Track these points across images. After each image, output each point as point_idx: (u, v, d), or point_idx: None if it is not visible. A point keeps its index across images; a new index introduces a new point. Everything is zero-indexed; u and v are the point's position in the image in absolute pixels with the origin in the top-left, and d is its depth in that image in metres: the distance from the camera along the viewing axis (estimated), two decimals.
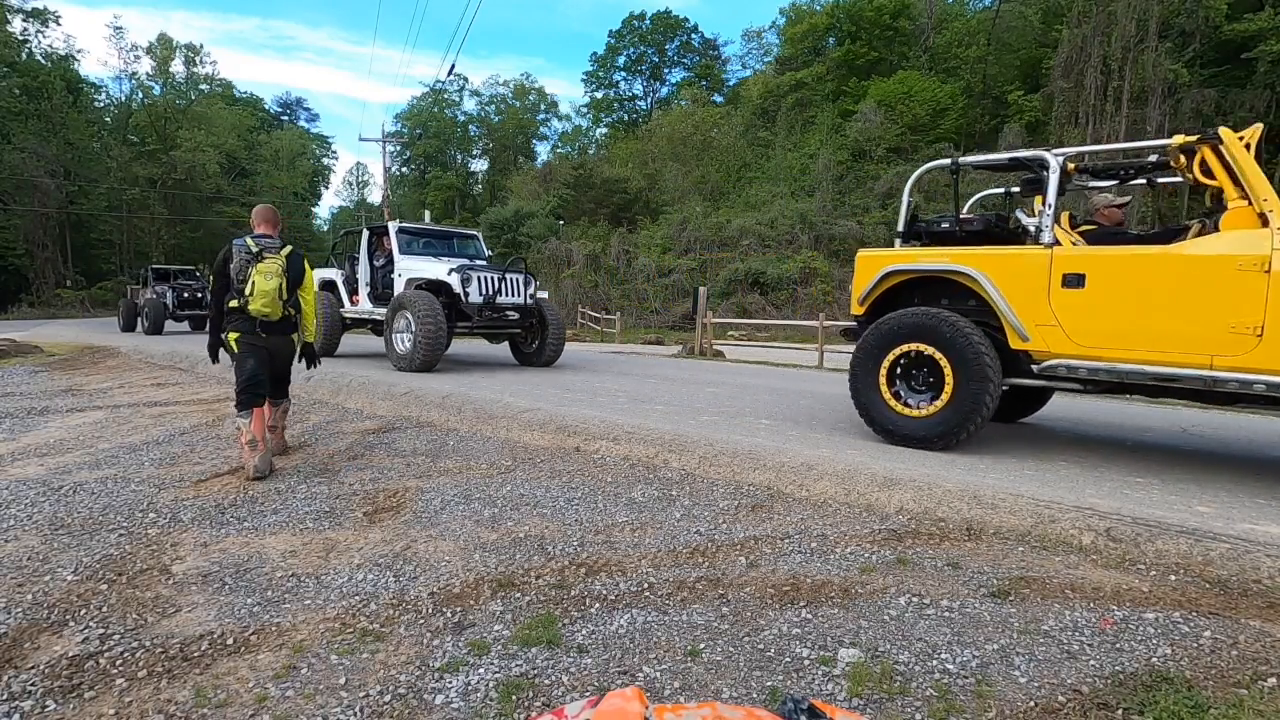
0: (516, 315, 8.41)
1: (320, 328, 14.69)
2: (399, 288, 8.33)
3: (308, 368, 4.77)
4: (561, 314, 9.52)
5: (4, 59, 39.11)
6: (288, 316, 4.28)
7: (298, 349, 4.48)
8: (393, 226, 8.89)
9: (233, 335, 4.18)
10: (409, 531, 3.02)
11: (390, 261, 8.90)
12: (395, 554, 2.75)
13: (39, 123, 39.06)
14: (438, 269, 8.18)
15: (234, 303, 4.12)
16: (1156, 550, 2.63)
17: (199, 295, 16.38)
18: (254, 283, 4.07)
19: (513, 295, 8.29)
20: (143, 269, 19.52)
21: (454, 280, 7.82)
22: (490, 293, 8.01)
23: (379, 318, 8.58)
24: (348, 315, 9.49)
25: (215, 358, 4.34)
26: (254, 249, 4.14)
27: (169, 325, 16.16)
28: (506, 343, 9.68)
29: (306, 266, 4.39)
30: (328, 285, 9.76)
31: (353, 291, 9.47)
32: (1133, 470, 3.82)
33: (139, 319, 16.18)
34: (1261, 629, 2.10)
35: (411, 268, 8.44)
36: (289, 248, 4.29)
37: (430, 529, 3.05)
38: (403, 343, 7.89)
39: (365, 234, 9.37)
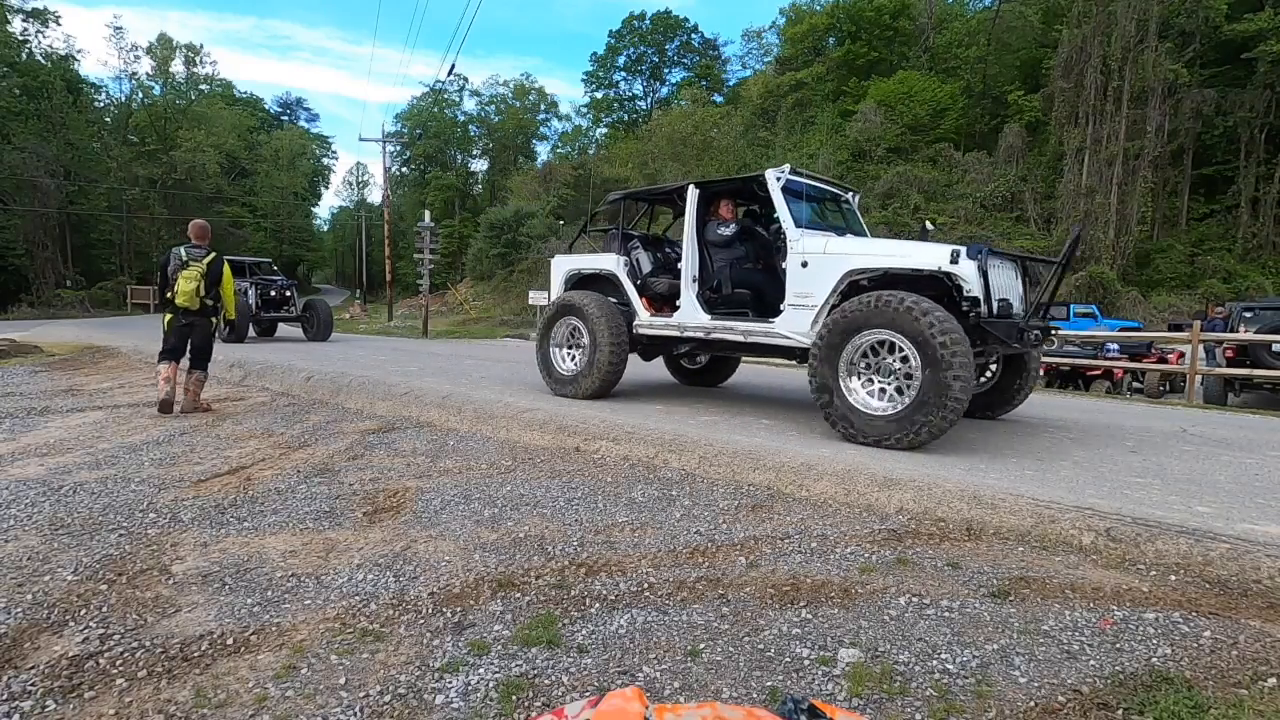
0: None
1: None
2: (800, 283, 4.72)
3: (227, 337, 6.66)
4: None
5: (4, 59, 39.07)
6: (206, 307, 5.87)
7: (214, 327, 6.14)
8: (776, 177, 5.04)
9: (167, 317, 5.86)
10: (409, 531, 3.01)
11: (743, 237, 5.65)
12: (395, 554, 2.75)
13: (39, 123, 39.03)
14: (881, 252, 4.59)
15: (169, 294, 5.79)
16: (1156, 550, 2.63)
17: (286, 293, 14.11)
18: (179, 284, 5.71)
19: None
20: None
21: (967, 272, 4.14)
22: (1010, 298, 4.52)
23: (729, 335, 5.20)
24: (646, 332, 5.79)
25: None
26: (184, 257, 5.77)
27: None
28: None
29: (225, 269, 5.97)
30: (591, 281, 6.27)
31: (647, 292, 5.92)
32: (1133, 470, 3.82)
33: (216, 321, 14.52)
34: (1261, 629, 2.10)
35: (830, 250, 4.66)
36: (212, 255, 5.85)
37: (430, 529, 3.05)
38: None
39: (692, 193, 5.54)
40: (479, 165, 63.89)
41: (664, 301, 5.89)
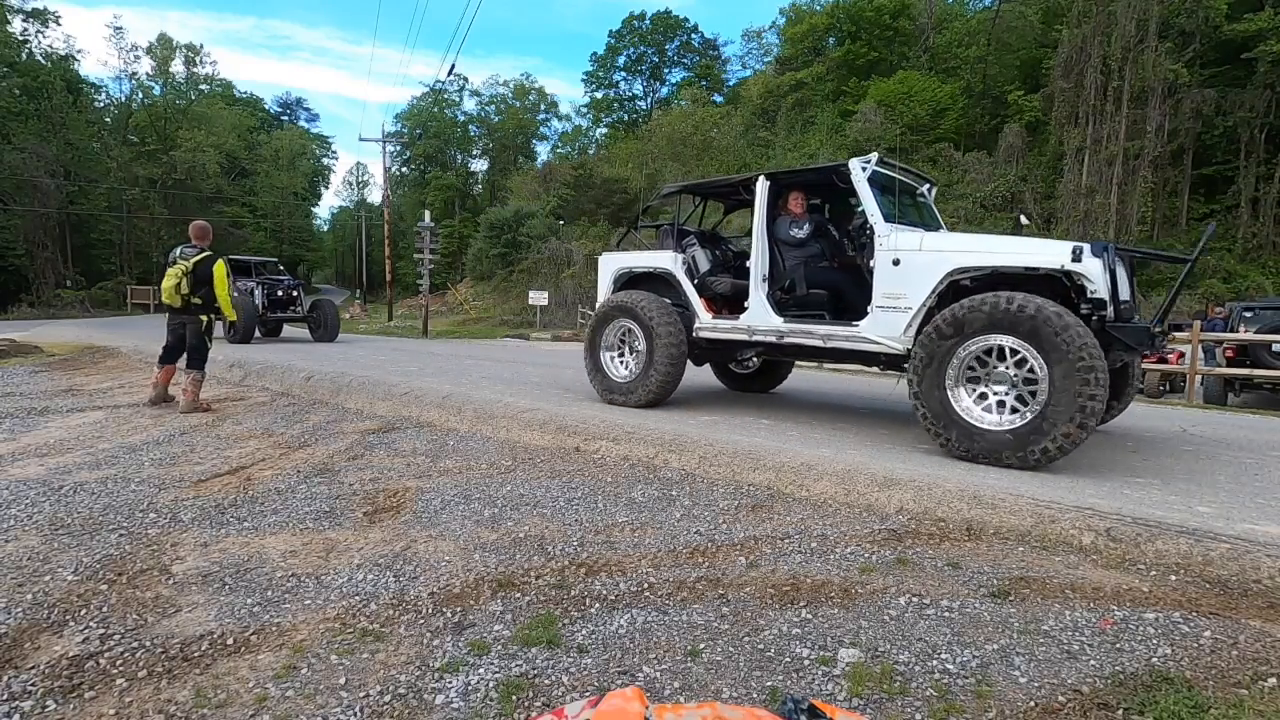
0: None
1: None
2: (891, 284, 4.33)
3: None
4: None
5: (4, 59, 39.08)
6: (191, 305, 5.99)
7: (206, 326, 6.10)
8: (861, 166, 4.64)
9: (168, 316, 6.18)
10: (409, 531, 3.01)
11: (817, 234, 5.28)
12: (395, 554, 2.75)
13: (39, 123, 39.04)
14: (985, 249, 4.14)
15: None
16: (1156, 550, 2.63)
17: (293, 293, 13.93)
18: (163, 280, 6.06)
19: None
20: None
21: (1093, 271, 3.73)
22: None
23: (807, 339, 4.84)
24: (708, 335, 5.44)
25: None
26: (175, 256, 6.02)
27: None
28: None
29: (215, 270, 5.98)
30: (641, 281, 5.90)
31: (706, 292, 5.54)
32: (1133, 470, 3.82)
33: (222, 322, 13.78)
34: (1261, 629, 2.10)
35: (927, 247, 4.24)
36: (203, 255, 5.96)
37: (430, 529, 3.05)
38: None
39: (762, 185, 5.13)
40: (479, 165, 63.99)
41: (723, 303, 5.53)
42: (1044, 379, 3.56)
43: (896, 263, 4.31)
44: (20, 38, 41.47)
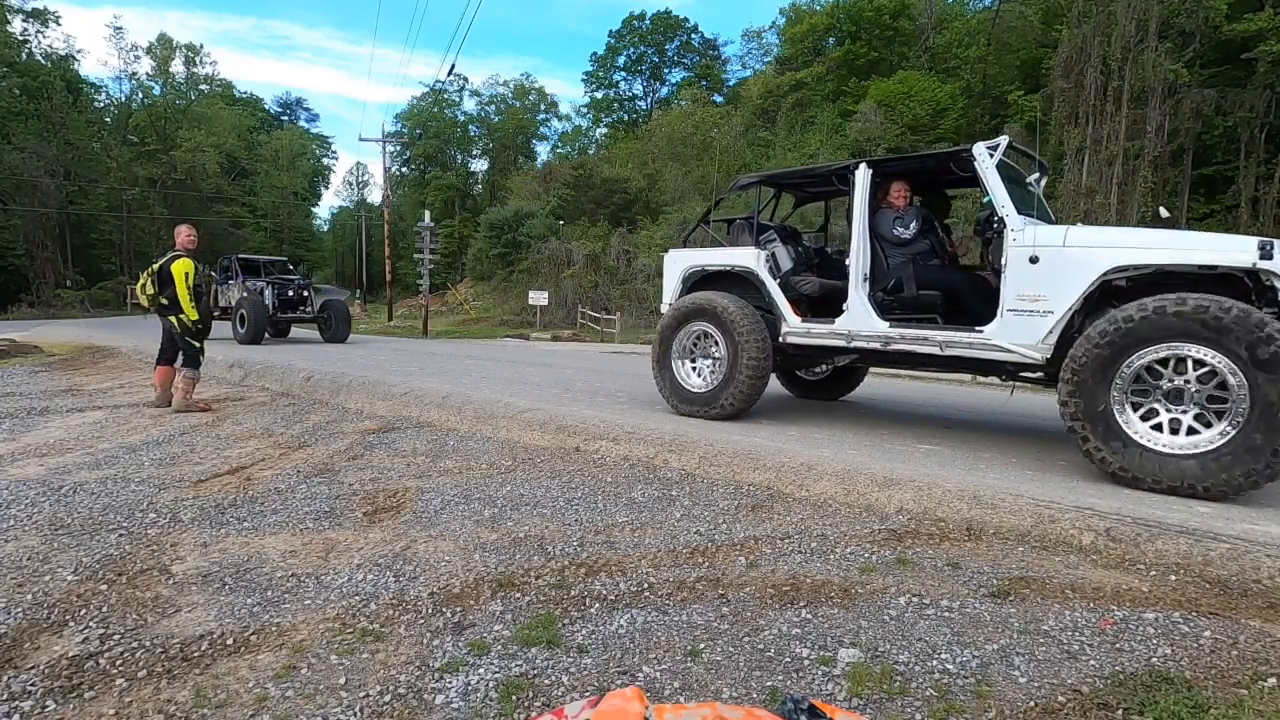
0: None
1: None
2: (1028, 284, 3.84)
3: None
4: None
5: (4, 59, 39.11)
6: (161, 305, 6.05)
7: (178, 326, 6.03)
8: (988, 151, 4.17)
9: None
10: (409, 531, 3.01)
11: (926, 228, 4.84)
12: (395, 554, 2.75)
13: (39, 123, 39.06)
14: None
15: None
16: (1156, 550, 2.63)
17: (304, 293, 13.64)
18: None
19: None
20: (225, 259, 15.15)
21: None
22: None
23: (921, 346, 4.34)
24: (798, 340, 4.96)
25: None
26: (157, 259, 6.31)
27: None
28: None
29: (173, 269, 5.98)
30: (714, 280, 5.41)
31: (789, 292, 5.03)
32: None
33: (232, 323, 12.93)
34: (1261, 629, 2.10)
35: (1074, 242, 3.75)
36: (168, 256, 6.10)
37: (430, 529, 3.05)
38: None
39: (864, 174, 4.67)
40: (479, 165, 63.96)
41: (809, 305, 5.10)
42: (1241, 395, 3.09)
43: (1034, 260, 3.81)
44: (20, 38, 41.51)
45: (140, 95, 49.55)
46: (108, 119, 48.87)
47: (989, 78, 34.15)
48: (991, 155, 4.12)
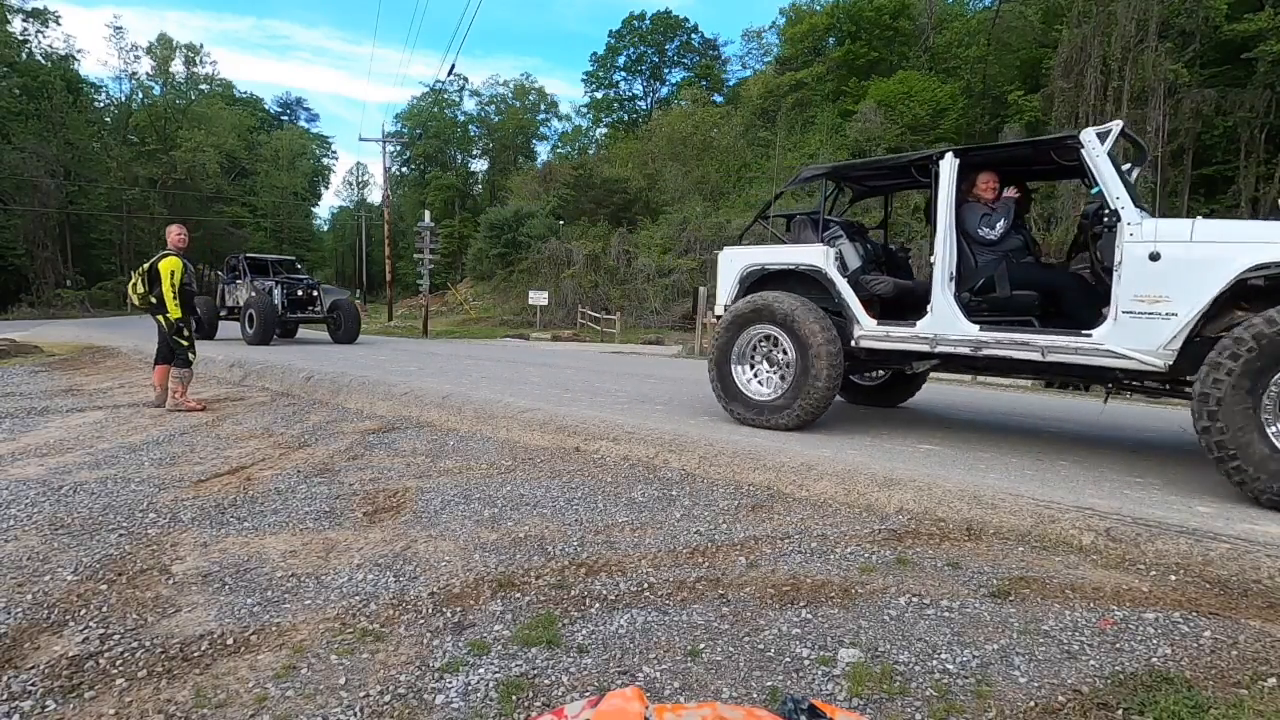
0: None
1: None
2: (1147, 284, 3.50)
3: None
4: None
5: (4, 59, 39.13)
6: (151, 304, 6.12)
7: (168, 325, 6.12)
8: (1098, 136, 3.77)
9: None
10: (409, 531, 3.01)
11: (1018, 223, 4.50)
12: (395, 554, 2.75)
13: (39, 123, 39.07)
14: None
15: None
16: (1156, 550, 2.63)
17: (312, 293, 13.59)
18: None
19: None
20: (232, 258, 15.06)
21: None
22: None
23: (1018, 351, 3.97)
24: (873, 345, 4.60)
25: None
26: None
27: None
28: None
29: (159, 267, 6.06)
30: (775, 280, 4.99)
31: (860, 292, 4.69)
32: (1133, 470, 3.82)
33: (241, 324, 12.72)
34: (1261, 629, 2.10)
35: (1201, 237, 3.42)
36: (158, 256, 6.18)
37: (430, 529, 3.05)
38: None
39: (950, 164, 4.29)
40: (479, 165, 63.99)
41: (882, 306, 4.80)
42: None
43: (1155, 257, 3.45)
44: (20, 38, 41.53)
45: (140, 95, 49.64)
46: (108, 119, 48.90)
47: (989, 78, 34.15)
48: (1102, 142, 3.72)
